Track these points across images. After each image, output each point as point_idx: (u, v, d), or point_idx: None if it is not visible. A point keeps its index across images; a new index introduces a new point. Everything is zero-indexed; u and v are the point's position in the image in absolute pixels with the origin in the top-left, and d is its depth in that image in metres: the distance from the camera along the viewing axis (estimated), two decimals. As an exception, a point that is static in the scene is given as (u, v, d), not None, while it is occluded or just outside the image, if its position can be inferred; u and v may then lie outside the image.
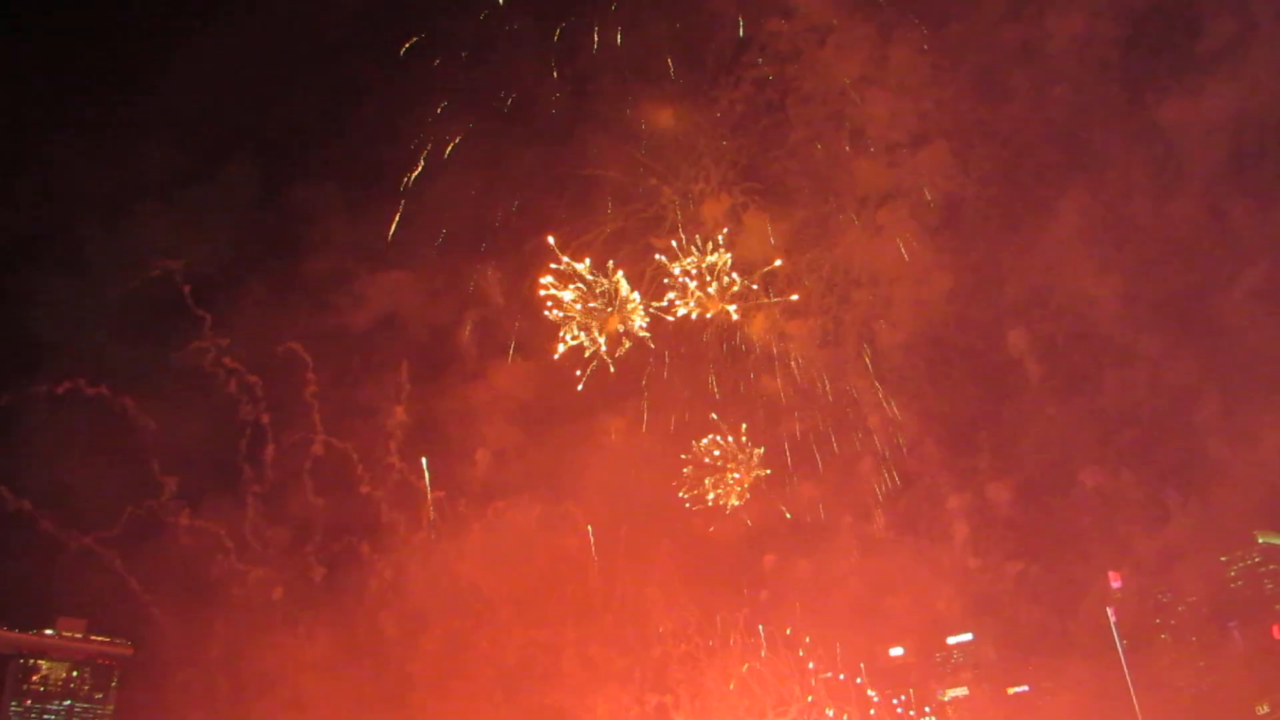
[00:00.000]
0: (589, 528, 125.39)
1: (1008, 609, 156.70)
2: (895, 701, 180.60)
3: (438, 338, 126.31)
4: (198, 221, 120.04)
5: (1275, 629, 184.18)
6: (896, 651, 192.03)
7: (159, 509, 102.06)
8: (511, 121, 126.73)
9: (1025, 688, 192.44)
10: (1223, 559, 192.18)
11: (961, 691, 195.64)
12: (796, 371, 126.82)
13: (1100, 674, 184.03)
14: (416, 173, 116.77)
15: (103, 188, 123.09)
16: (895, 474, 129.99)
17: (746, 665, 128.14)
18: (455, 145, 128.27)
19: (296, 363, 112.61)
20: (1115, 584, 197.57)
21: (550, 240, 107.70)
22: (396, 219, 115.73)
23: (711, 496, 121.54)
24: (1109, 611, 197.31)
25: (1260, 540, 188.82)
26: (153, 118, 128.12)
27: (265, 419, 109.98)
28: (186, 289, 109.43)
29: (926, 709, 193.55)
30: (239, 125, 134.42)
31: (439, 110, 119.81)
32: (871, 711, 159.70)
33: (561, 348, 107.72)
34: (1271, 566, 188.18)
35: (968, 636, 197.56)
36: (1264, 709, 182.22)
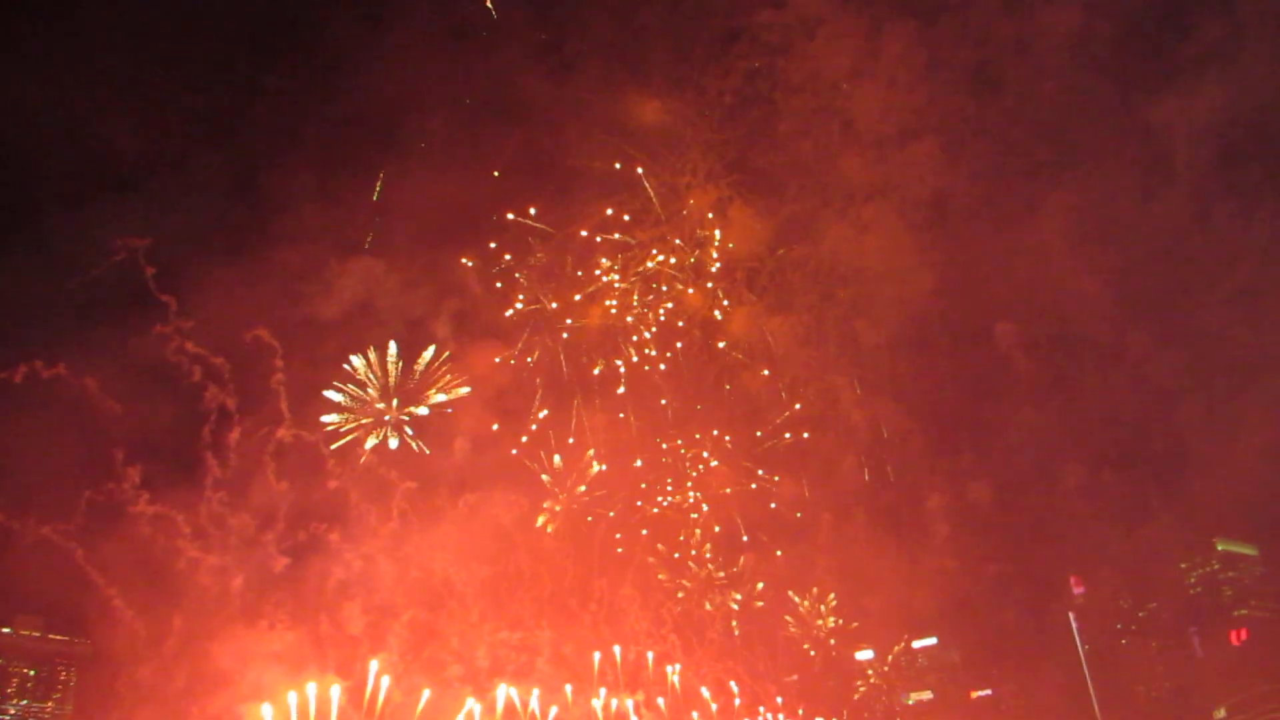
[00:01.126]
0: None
1: (978, 612, 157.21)
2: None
3: (411, 326, 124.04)
4: (165, 206, 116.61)
5: (1233, 635, 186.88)
6: (865, 655, 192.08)
7: (119, 497, 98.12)
8: (493, 108, 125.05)
9: (988, 691, 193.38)
10: (1183, 565, 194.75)
11: (926, 695, 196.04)
12: (776, 370, 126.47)
13: (1062, 678, 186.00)
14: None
15: (65, 171, 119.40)
16: (875, 473, 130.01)
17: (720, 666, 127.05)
18: (434, 132, 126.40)
19: (264, 350, 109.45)
20: (1077, 589, 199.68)
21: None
22: (378, 186, 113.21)
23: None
24: (1071, 617, 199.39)
25: (1220, 547, 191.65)
26: (119, 98, 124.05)
27: (231, 405, 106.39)
28: (150, 271, 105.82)
29: None
30: (209, 107, 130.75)
31: (419, 95, 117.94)
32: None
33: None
34: (1231, 574, 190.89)
35: (932, 641, 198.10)
36: (1221, 713, 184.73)
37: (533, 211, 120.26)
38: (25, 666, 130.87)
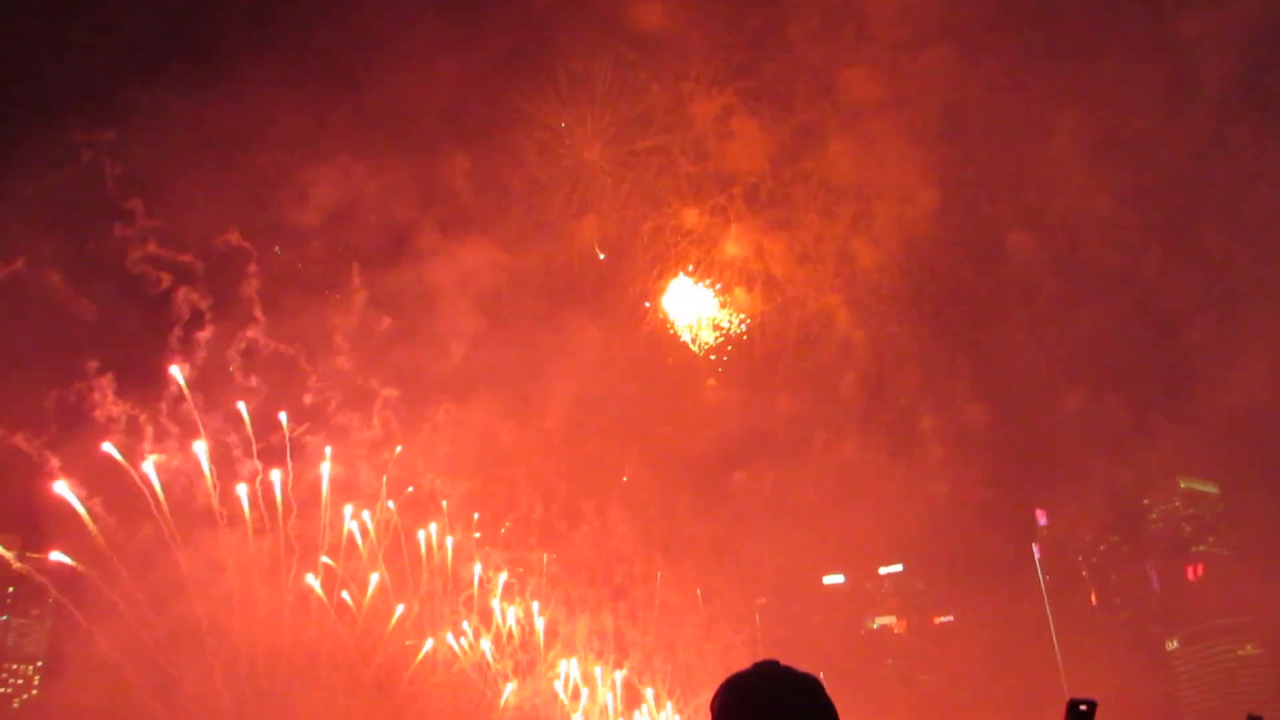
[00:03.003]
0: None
1: (946, 538, 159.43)
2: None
3: (392, 232, 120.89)
4: (134, 110, 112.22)
5: (1190, 570, 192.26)
6: (835, 579, 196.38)
7: (88, 402, 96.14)
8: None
9: (950, 618, 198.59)
10: (1145, 502, 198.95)
11: (890, 620, 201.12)
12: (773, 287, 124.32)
13: (1023, 607, 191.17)
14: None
15: (36, 76, 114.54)
16: (868, 392, 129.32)
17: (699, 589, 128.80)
18: (416, 29, 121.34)
19: (238, 255, 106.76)
20: (1041, 521, 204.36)
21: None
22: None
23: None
24: (1034, 547, 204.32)
25: (1183, 485, 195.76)
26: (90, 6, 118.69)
27: (203, 307, 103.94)
28: (116, 170, 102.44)
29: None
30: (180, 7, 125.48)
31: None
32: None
33: None
34: (1191, 511, 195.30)
35: (898, 568, 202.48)
36: (1173, 645, 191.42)
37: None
38: (5, 584, 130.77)
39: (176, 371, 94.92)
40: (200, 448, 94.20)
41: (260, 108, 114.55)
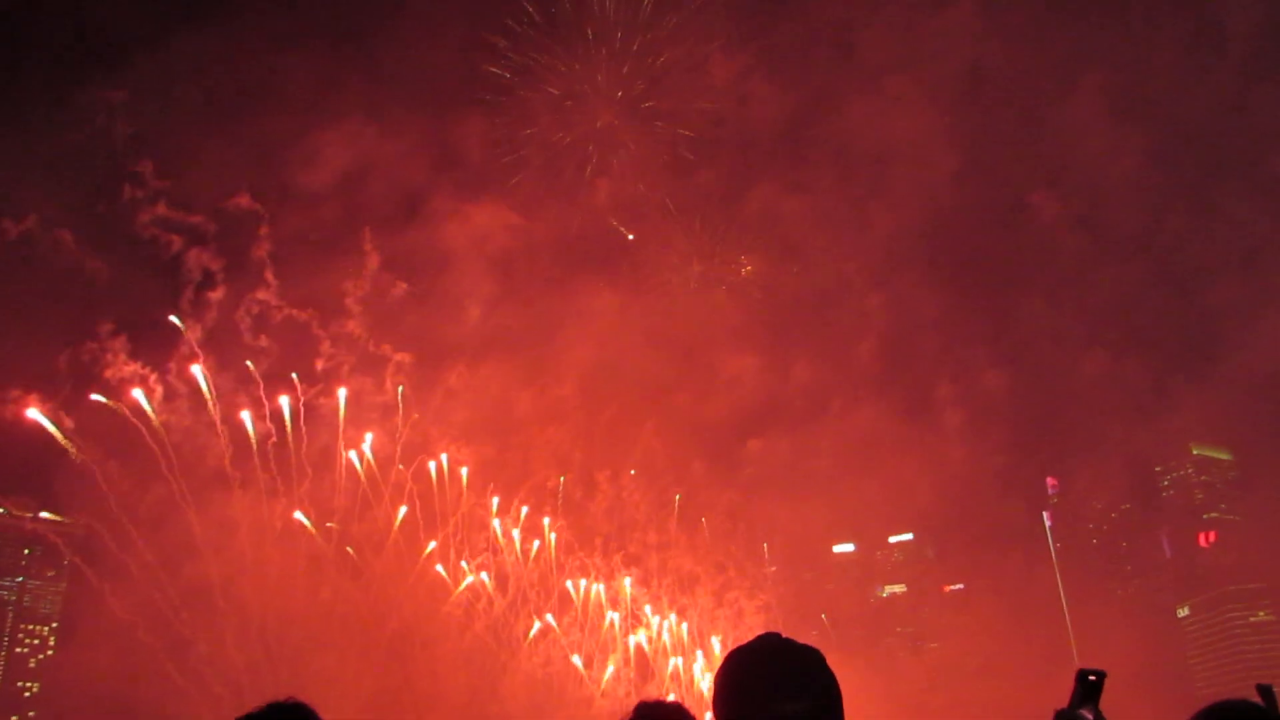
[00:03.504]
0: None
1: (957, 506, 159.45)
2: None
3: (405, 194, 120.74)
4: (146, 69, 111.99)
5: (1201, 537, 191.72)
6: (845, 548, 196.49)
7: (99, 365, 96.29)
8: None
9: (960, 586, 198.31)
10: (1157, 468, 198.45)
11: (900, 588, 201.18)
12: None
13: (1033, 575, 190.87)
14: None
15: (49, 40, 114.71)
16: (884, 358, 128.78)
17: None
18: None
19: (249, 217, 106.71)
20: (1053, 489, 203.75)
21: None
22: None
23: None
24: (1045, 515, 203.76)
25: (1195, 452, 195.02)
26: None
27: (215, 268, 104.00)
28: (128, 130, 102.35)
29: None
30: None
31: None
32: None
33: None
34: (1204, 478, 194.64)
35: (908, 536, 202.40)
36: (1184, 611, 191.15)
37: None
38: (21, 545, 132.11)
39: (176, 319, 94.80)
40: (197, 369, 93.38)
41: (273, 68, 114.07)
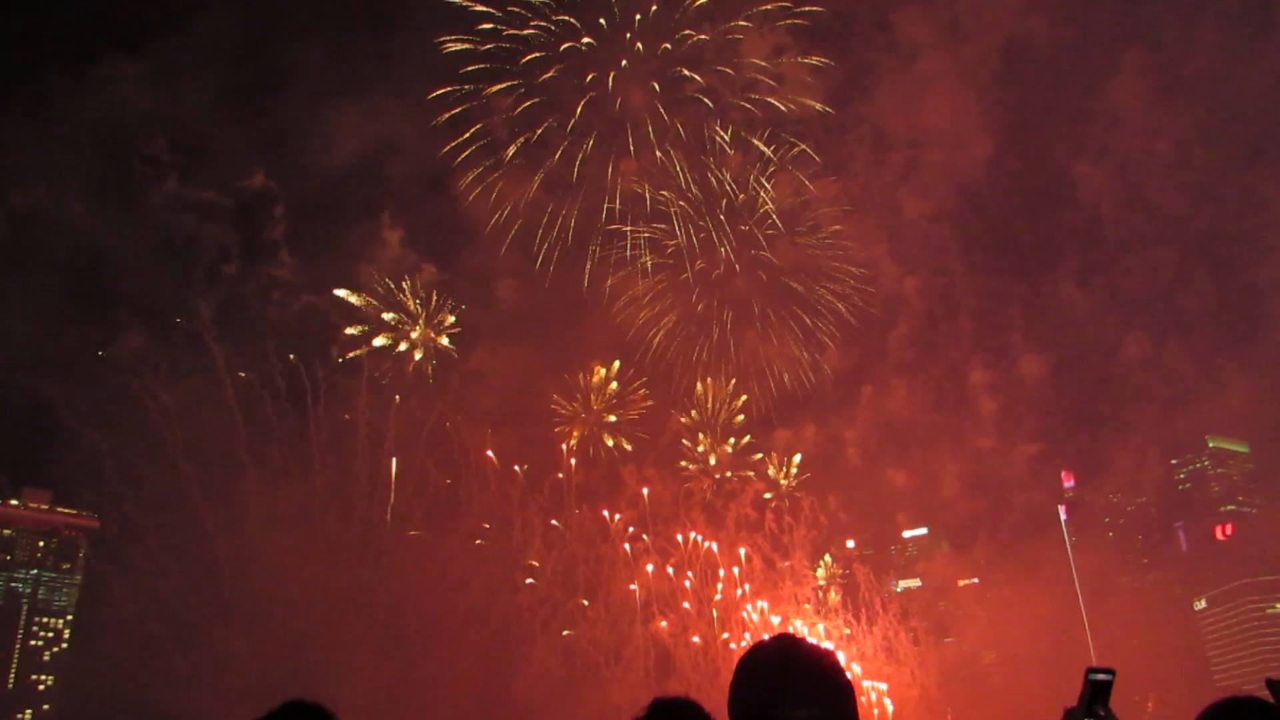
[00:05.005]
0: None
1: (968, 501, 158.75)
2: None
3: (428, 179, 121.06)
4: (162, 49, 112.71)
5: (1218, 530, 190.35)
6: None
7: (119, 358, 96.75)
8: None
9: (976, 580, 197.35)
10: (1173, 461, 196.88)
11: (915, 583, 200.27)
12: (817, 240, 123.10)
13: (1048, 569, 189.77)
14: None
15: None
16: (914, 345, 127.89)
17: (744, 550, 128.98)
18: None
19: (269, 197, 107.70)
20: (1068, 483, 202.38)
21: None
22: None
23: None
24: (1060, 509, 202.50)
25: (1211, 444, 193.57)
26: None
27: (235, 248, 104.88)
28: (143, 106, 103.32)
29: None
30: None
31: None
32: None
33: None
34: (1219, 470, 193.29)
35: (923, 530, 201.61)
36: (1201, 604, 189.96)
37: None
38: (36, 538, 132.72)
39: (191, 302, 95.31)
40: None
41: (293, 46, 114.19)
